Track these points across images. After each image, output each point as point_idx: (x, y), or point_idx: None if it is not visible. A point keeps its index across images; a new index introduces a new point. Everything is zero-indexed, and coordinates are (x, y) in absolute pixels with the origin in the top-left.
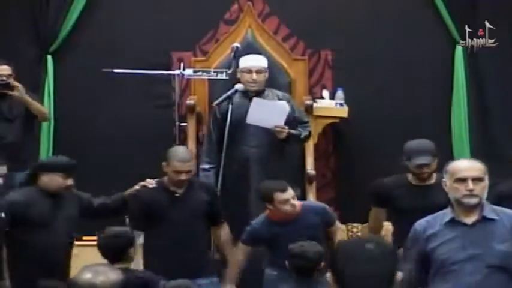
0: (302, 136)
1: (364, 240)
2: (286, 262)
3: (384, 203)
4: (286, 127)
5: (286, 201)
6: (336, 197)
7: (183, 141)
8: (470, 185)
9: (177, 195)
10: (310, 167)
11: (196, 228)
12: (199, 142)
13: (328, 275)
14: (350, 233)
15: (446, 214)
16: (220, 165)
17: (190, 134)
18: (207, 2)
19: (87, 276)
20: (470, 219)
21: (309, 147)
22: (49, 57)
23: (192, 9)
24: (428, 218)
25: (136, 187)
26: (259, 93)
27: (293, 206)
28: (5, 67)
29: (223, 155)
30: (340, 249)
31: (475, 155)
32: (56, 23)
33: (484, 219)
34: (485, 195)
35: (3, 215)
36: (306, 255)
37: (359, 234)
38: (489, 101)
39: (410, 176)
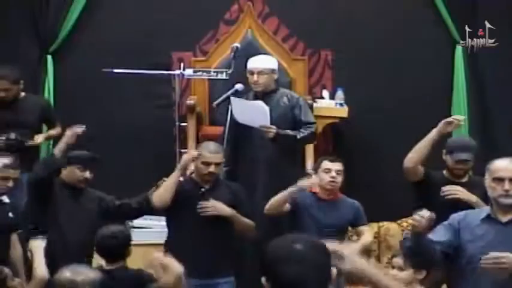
0: (299, 137)
1: (292, 240)
2: None
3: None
4: (273, 127)
5: (329, 170)
6: None
7: (183, 141)
8: (507, 185)
9: (203, 189)
10: (310, 167)
11: (217, 226)
12: (199, 142)
13: (263, 279)
14: (350, 233)
15: (484, 210)
16: (236, 166)
17: (190, 134)
18: (207, 2)
19: (68, 274)
20: (505, 218)
21: (309, 147)
22: (49, 57)
23: (192, 9)
24: (468, 211)
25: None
26: (268, 94)
27: (333, 178)
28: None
29: (223, 154)
30: (269, 250)
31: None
32: (56, 23)
33: None
34: None
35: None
36: None
37: None
38: (489, 101)
39: (445, 172)
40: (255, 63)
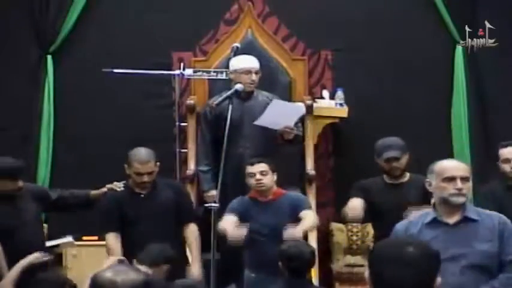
0: (300, 135)
1: (404, 242)
2: (280, 263)
3: (362, 196)
4: (295, 128)
5: (253, 174)
6: (336, 197)
7: (183, 141)
8: (459, 184)
9: (142, 196)
10: (310, 167)
11: (164, 228)
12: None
13: (366, 273)
14: (350, 233)
15: (428, 214)
16: (220, 165)
17: (190, 134)
18: (207, 2)
19: (108, 274)
20: (452, 220)
21: (309, 147)
22: (49, 57)
23: (192, 9)
24: (410, 219)
25: (104, 189)
26: (250, 94)
27: (258, 181)
28: None
29: (223, 154)
30: (378, 251)
31: (475, 155)
32: (56, 23)
33: (466, 220)
34: (470, 195)
35: None
36: (303, 256)
37: (358, 234)
38: (489, 101)
39: (385, 176)
40: (251, 62)
